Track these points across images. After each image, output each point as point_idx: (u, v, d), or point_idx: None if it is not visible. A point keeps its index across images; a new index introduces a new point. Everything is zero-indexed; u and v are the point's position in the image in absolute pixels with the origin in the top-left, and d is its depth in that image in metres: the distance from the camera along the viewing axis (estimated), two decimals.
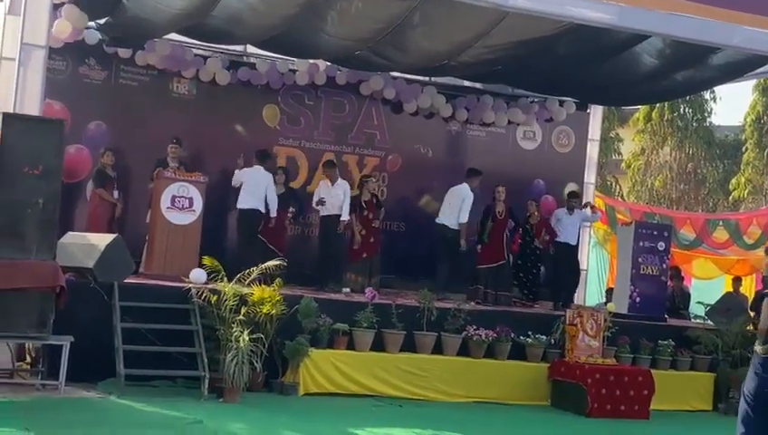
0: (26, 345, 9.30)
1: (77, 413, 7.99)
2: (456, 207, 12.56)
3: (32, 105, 9.98)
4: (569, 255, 13.47)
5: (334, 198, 12.11)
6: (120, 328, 9.11)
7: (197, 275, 10.00)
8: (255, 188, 11.68)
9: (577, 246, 13.80)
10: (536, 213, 13.44)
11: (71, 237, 9.97)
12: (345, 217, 12.05)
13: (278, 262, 9.87)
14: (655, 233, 12.97)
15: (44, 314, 8.57)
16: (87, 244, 9.74)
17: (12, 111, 9.71)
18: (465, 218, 12.52)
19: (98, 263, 9.29)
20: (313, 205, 12.30)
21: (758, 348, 5.94)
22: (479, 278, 12.64)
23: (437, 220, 12.77)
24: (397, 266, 13.45)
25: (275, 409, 8.99)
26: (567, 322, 11.10)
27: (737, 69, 12.65)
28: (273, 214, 11.85)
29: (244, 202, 11.72)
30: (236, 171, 11.89)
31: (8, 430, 6.69)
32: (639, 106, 25.35)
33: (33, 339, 8.84)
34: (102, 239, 9.74)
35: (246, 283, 9.61)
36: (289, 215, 12.55)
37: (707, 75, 13.13)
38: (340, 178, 12.41)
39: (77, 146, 12.07)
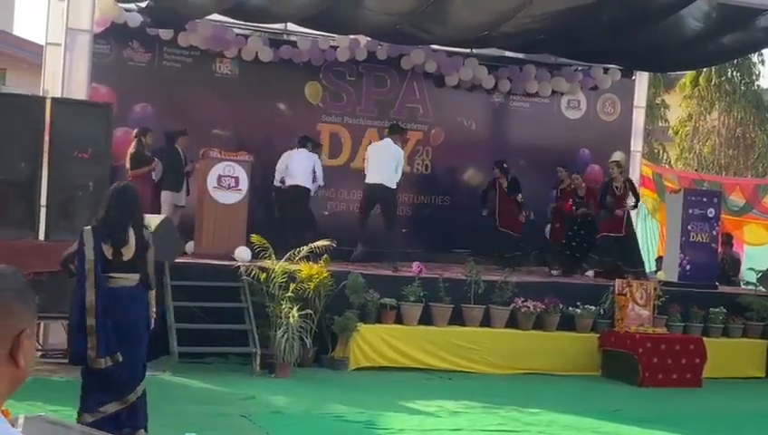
0: None
1: None
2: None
3: (79, 89, 10.12)
4: None
5: None
6: (172, 307, 9.26)
7: (242, 253, 10.09)
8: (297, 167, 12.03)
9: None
10: (582, 184, 13.36)
11: None
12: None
13: (327, 242, 9.86)
14: (704, 200, 12.80)
15: None
16: None
17: (60, 96, 9.86)
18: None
19: None
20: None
21: None
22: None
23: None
24: (441, 240, 13.46)
25: (326, 383, 9.09)
26: (616, 292, 11.03)
27: None
28: (315, 188, 12.23)
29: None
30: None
31: (65, 409, 6.83)
32: (686, 71, 24.88)
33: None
34: (152, 220, 9.83)
35: (296, 259, 9.68)
36: None
37: (754, 38, 12.85)
38: None
39: (124, 129, 12.18)
